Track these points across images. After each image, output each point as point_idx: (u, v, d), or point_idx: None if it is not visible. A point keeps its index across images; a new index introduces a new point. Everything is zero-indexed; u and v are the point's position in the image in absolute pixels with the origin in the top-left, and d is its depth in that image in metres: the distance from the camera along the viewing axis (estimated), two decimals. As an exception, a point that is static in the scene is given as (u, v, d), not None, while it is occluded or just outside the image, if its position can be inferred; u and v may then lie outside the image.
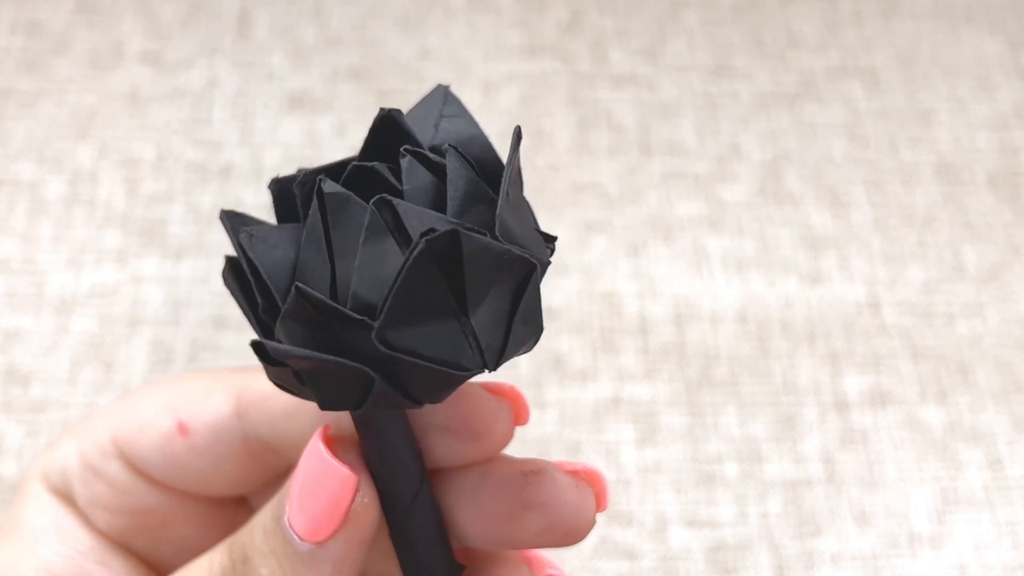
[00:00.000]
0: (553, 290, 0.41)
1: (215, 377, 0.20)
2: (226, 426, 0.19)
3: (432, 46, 0.47)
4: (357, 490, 0.16)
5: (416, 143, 0.15)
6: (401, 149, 0.15)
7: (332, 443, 0.16)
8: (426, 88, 0.48)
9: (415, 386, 0.14)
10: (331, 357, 0.13)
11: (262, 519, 0.17)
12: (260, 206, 0.42)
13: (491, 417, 0.18)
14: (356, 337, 0.13)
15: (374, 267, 0.14)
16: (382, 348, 0.13)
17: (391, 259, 0.14)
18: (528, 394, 0.38)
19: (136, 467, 0.19)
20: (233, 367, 0.21)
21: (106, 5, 0.47)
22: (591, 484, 0.18)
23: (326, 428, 0.17)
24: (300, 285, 0.13)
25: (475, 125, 0.16)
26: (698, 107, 0.47)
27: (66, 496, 0.19)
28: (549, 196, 0.43)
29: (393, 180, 0.15)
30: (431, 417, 0.17)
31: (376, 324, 0.13)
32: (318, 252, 0.14)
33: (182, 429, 0.19)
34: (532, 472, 0.17)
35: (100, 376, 0.37)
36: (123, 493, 0.19)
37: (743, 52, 0.49)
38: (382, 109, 0.16)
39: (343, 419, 0.17)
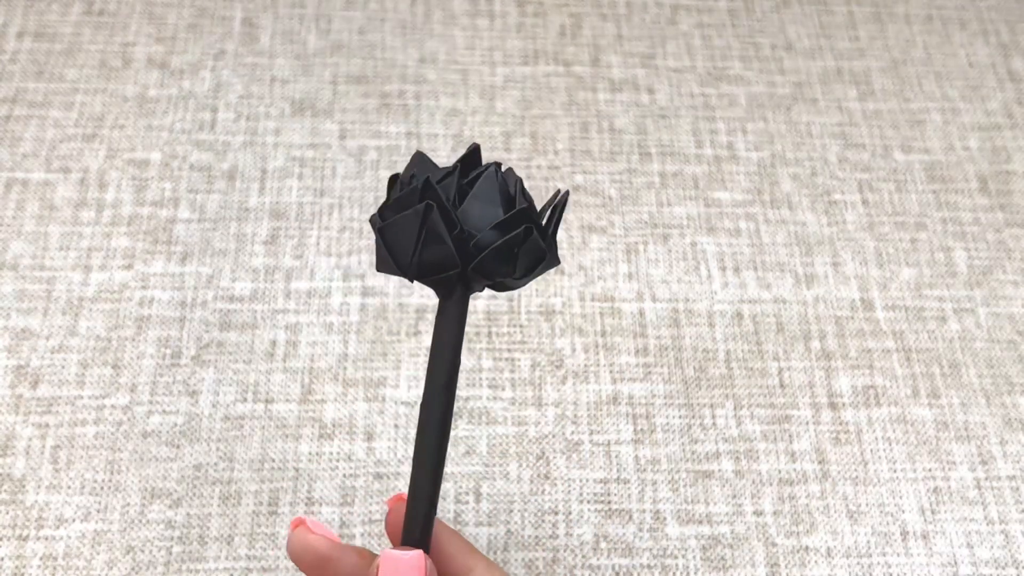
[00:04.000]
0: (553, 291, 0.41)
1: None
2: None
3: (433, 51, 0.48)
4: None
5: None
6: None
7: None
8: (427, 91, 0.49)
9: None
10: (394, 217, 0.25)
11: None
12: (264, 207, 0.42)
13: None
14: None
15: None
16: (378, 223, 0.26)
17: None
18: (528, 393, 0.39)
19: None
20: None
21: (113, 10, 0.48)
22: None
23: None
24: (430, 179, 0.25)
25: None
26: (695, 110, 0.47)
27: None
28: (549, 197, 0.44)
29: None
30: None
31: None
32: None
33: None
34: None
35: (108, 375, 0.38)
36: None
37: (739, 56, 0.49)
38: (473, 143, 0.27)
39: None
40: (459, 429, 0.38)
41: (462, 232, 0.24)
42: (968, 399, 0.40)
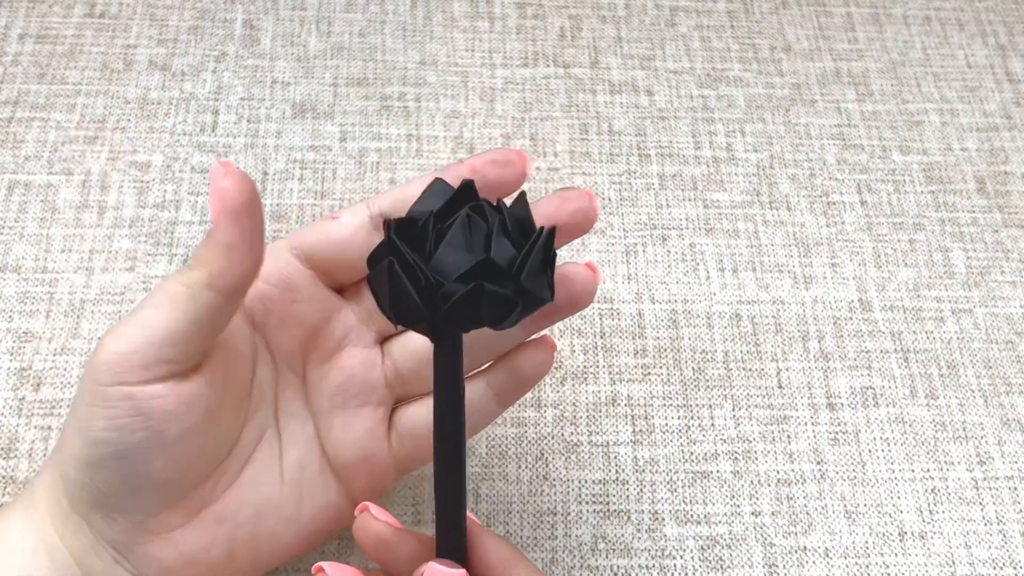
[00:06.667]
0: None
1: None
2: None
3: (433, 53, 0.48)
4: (226, 176, 0.25)
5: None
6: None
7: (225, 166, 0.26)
8: (427, 93, 0.49)
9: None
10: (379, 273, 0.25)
11: None
12: (265, 209, 0.43)
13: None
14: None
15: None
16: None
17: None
18: (527, 394, 0.39)
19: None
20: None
21: (115, 13, 0.48)
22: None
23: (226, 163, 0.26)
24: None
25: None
26: (694, 112, 0.47)
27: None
28: (548, 200, 0.44)
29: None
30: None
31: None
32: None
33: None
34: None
35: (110, 377, 0.38)
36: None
37: (737, 58, 0.49)
38: (465, 180, 0.26)
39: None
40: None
41: (430, 283, 0.24)
42: (966, 399, 0.40)
